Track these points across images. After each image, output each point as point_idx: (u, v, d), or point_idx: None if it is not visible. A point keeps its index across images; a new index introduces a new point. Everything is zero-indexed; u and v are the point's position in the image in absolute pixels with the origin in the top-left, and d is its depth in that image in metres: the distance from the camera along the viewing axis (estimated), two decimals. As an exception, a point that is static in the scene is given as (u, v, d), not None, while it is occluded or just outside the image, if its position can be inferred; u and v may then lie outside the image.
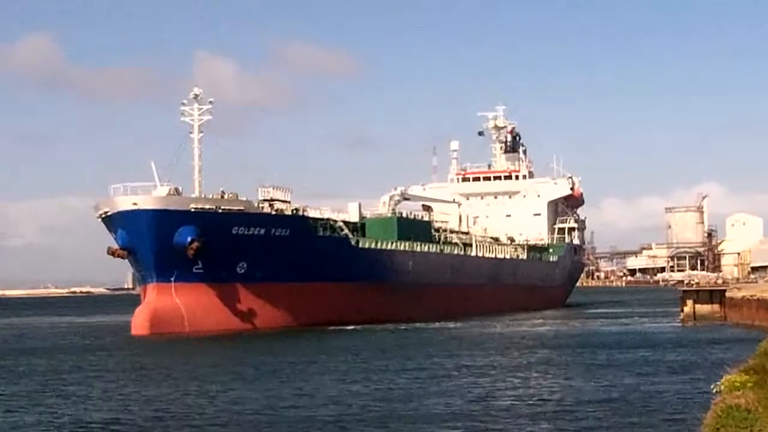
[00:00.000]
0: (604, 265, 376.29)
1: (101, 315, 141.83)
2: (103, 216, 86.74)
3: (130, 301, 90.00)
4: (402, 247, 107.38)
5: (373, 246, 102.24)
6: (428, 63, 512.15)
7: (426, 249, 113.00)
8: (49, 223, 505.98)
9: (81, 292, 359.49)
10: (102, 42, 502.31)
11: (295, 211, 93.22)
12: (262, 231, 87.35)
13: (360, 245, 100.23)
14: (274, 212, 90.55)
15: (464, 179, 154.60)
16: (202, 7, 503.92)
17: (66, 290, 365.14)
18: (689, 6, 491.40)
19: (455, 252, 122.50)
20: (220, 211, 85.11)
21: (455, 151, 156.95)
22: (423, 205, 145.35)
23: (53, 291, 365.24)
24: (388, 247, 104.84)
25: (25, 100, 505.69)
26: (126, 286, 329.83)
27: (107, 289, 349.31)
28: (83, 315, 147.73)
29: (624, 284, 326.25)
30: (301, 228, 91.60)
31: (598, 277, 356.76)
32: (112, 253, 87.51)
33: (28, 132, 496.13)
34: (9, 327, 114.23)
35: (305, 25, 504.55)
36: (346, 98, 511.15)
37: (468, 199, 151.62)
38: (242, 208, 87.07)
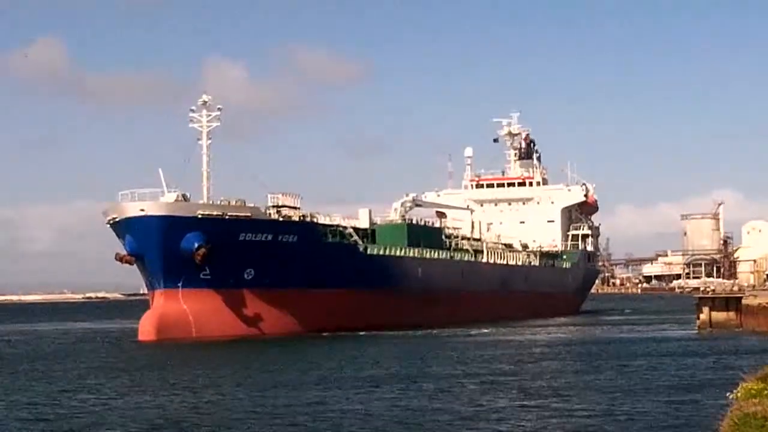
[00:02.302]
0: (620, 272, 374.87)
1: (115, 321, 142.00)
2: (112, 222, 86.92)
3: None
4: (411, 254, 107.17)
5: (382, 252, 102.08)
6: (441, 69, 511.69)
7: (436, 255, 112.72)
8: (65, 229, 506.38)
9: (96, 298, 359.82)
10: (111, 47, 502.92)
11: (302, 218, 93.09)
12: (270, 237, 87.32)
13: (369, 252, 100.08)
14: (281, 219, 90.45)
15: (478, 186, 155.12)
16: (212, 12, 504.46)
17: (81, 295, 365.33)
18: (706, 11, 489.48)
19: (466, 258, 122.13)
20: (227, 217, 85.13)
21: (469, 157, 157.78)
22: (437, 212, 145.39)
23: (69, 296, 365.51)
24: (398, 253, 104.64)
25: (36, 104, 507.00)
26: (141, 292, 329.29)
27: (122, 294, 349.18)
28: (96, 321, 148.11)
29: (639, 291, 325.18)
30: (308, 234, 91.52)
31: (613, 284, 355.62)
32: (119, 259, 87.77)
33: (41, 137, 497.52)
34: (18, 334, 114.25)
35: (317, 30, 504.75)
36: (360, 104, 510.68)
37: (482, 205, 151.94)
38: (249, 214, 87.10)
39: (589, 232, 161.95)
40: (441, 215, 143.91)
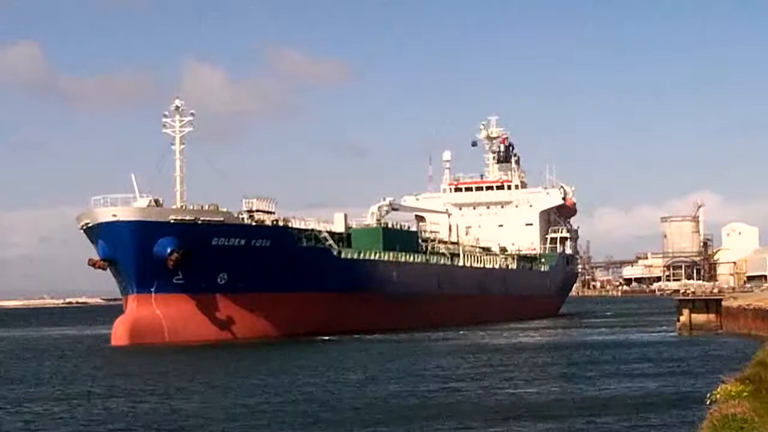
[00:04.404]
0: (600, 275, 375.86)
1: (93, 326, 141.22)
2: (85, 227, 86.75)
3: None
4: (386, 258, 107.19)
5: (356, 256, 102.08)
6: (420, 71, 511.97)
7: (411, 259, 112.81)
8: (44, 233, 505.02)
9: (77, 303, 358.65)
10: (89, 50, 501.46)
11: (275, 222, 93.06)
12: (243, 242, 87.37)
13: (343, 256, 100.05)
14: (254, 223, 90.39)
15: (457, 189, 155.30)
16: (190, 14, 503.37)
17: (62, 300, 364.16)
18: (681, 14, 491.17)
19: (442, 262, 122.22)
20: (199, 222, 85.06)
21: (448, 161, 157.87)
22: (416, 216, 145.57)
23: (49, 301, 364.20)
24: (372, 257, 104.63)
25: (13, 108, 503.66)
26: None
27: (103, 299, 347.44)
28: (73, 326, 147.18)
29: (620, 294, 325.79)
30: (282, 239, 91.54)
31: (594, 286, 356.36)
32: (92, 264, 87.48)
33: (18, 140, 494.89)
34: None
35: (295, 32, 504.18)
36: (338, 106, 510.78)
37: (461, 209, 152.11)
38: (222, 219, 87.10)
39: (568, 235, 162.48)
40: (420, 219, 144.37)
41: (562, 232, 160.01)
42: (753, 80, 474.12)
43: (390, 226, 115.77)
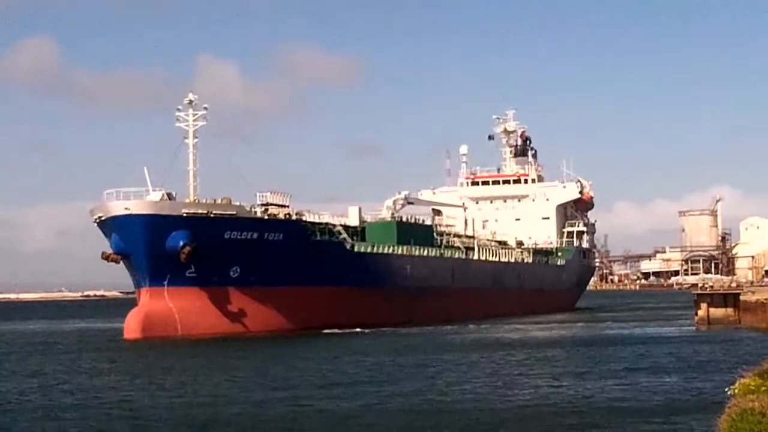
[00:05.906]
0: (618, 269, 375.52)
1: (112, 319, 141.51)
2: (98, 221, 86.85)
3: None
4: (400, 251, 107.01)
5: (369, 250, 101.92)
6: (437, 67, 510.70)
7: (425, 253, 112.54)
8: (61, 227, 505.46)
9: (95, 296, 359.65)
10: (103, 47, 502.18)
11: (288, 216, 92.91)
12: (255, 235, 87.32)
13: (356, 249, 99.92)
14: (267, 217, 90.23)
15: (473, 183, 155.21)
16: (204, 12, 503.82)
17: (80, 294, 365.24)
18: (702, 9, 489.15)
19: (456, 256, 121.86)
20: (212, 215, 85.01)
21: (465, 155, 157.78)
22: (433, 209, 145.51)
23: (67, 294, 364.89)
24: (386, 251, 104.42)
25: (29, 105, 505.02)
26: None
27: (121, 292, 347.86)
28: (89, 319, 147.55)
29: (638, 288, 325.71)
30: (295, 232, 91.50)
31: (611, 280, 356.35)
32: (106, 257, 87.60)
33: (34, 136, 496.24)
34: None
35: (308, 29, 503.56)
36: (352, 103, 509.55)
37: (477, 203, 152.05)
38: (234, 212, 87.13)
39: (585, 228, 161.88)
40: (437, 213, 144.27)
41: (578, 225, 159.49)
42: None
43: (405, 219, 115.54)
